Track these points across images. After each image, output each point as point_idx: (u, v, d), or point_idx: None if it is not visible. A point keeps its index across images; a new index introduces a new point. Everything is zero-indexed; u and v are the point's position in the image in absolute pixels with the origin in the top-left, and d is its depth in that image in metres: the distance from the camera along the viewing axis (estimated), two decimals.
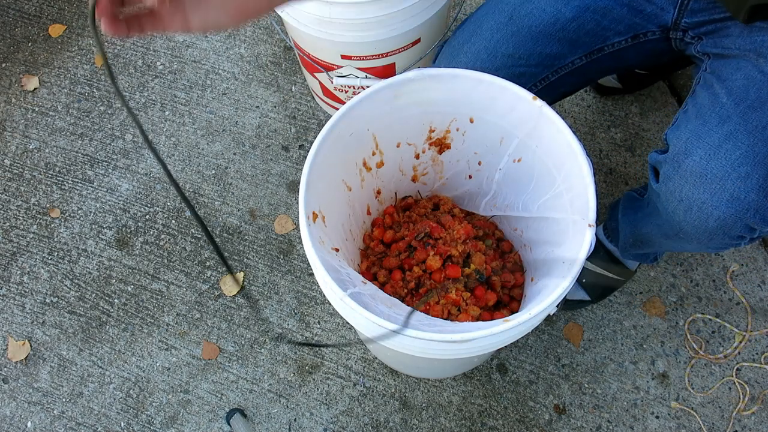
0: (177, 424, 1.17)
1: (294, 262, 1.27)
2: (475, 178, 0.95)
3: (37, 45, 1.53)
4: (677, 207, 0.77)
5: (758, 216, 0.72)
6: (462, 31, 0.90)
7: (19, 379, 1.22)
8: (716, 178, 0.72)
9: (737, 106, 0.74)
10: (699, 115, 0.76)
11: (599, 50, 0.90)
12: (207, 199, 1.34)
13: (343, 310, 0.70)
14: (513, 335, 0.69)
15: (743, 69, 0.76)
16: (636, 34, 0.88)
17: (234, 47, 1.49)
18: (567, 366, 1.17)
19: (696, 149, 0.74)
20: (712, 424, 1.12)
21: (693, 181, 0.74)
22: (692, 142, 0.74)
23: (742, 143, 0.71)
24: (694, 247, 0.83)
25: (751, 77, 0.75)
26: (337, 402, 1.16)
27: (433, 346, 0.67)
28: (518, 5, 0.87)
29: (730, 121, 0.73)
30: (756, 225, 0.73)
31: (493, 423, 1.14)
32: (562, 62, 0.89)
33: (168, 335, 1.23)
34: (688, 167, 0.74)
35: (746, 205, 0.71)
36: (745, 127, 0.72)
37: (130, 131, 1.42)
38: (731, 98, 0.75)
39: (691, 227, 0.77)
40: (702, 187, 0.73)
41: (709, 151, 0.73)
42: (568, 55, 0.89)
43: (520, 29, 0.86)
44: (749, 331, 1.17)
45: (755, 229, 0.74)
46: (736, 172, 0.71)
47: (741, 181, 0.71)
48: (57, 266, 1.31)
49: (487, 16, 0.89)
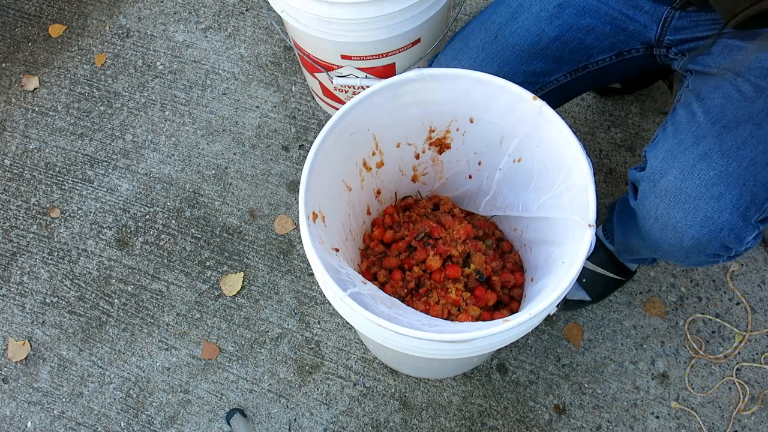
0: (177, 424, 1.17)
1: (294, 262, 1.27)
2: (475, 178, 0.95)
3: (37, 45, 1.53)
4: (653, 225, 0.77)
5: (732, 235, 0.73)
6: (450, 48, 0.92)
7: (19, 379, 1.22)
8: (690, 197, 0.73)
9: (713, 126, 0.74)
10: (676, 134, 0.77)
11: (584, 67, 0.91)
12: (207, 199, 1.34)
13: (343, 310, 0.70)
14: (513, 335, 0.69)
15: (722, 88, 0.77)
16: (620, 51, 0.89)
17: (234, 47, 1.49)
18: (567, 366, 1.17)
19: (671, 168, 0.75)
20: (712, 424, 1.12)
21: (668, 200, 0.74)
22: (668, 161, 0.75)
23: (717, 163, 0.72)
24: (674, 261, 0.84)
25: (729, 96, 0.76)
26: (337, 402, 1.16)
27: (433, 346, 0.67)
28: (503, 24, 0.89)
29: (705, 141, 0.74)
30: (731, 244, 0.74)
31: (493, 423, 1.14)
32: (547, 79, 0.91)
33: (168, 335, 1.23)
34: (663, 186, 0.75)
35: (720, 224, 0.72)
36: (720, 147, 0.73)
37: (130, 131, 1.42)
38: (708, 117, 0.75)
39: (667, 245, 0.78)
40: (676, 207, 0.74)
41: (684, 170, 0.73)
42: (554, 73, 0.90)
43: (505, 48, 0.88)
44: (749, 331, 1.17)
45: (731, 248, 0.74)
46: (710, 192, 0.72)
47: (715, 201, 0.72)
48: (57, 266, 1.31)
49: (473, 34, 0.90)
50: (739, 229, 0.72)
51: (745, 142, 0.73)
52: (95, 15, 1.56)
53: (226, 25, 1.52)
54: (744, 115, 0.74)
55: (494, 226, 1.00)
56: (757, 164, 0.72)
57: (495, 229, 1.00)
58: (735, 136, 0.73)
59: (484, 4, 1.50)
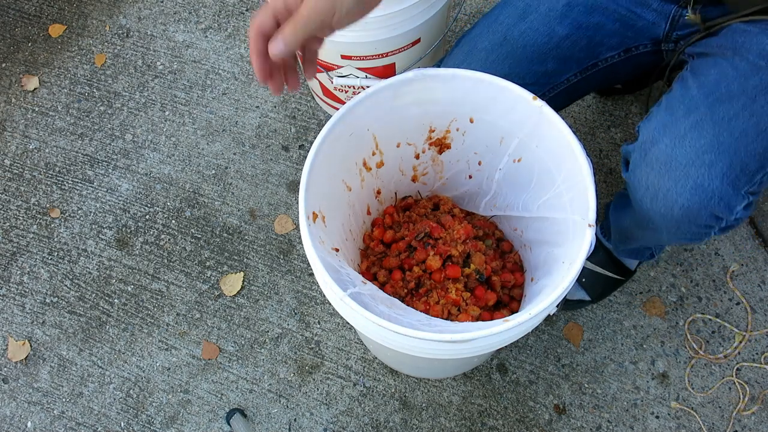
0: (177, 424, 1.17)
1: (294, 262, 1.27)
2: (475, 178, 0.95)
3: (37, 45, 1.53)
4: (644, 195, 0.77)
5: (722, 204, 0.72)
6: (458, 52, 0.91)
7: (19, 379, 1.22)
8: (680, 165, 0.73)
9: (706, 98, 0.75)
10: (668, 107, 0.77)
11: (593, 66, 0.91)
12: (207, 199, 1.34)
13: (343, 310, 0.70)
14: (512, 335, 0.69)
15: (719, 65, 0.77)
16: (628, 47, 0.89)
17: (234, 47, 1.49)
18: (567, 366, 1.17)
19: (662, 137, 0.75)
20: (712, 424, 1.12)
21: (658, 168, 0.74)
22: (659, 131, 0.75)
23: (708, 132, 0.72)
24: (666, 237, 0.84)
25: (724, 73, 0.76)
26: (337, 402, 1.16)
27: (433, 346, 0.67)
28: (511, 25, 0.88)
29: (698, 112, 0.74)
30: (721, 213, 0.73)
31: (493, 423, 1.14)
32: (557, 79, 0.90)
33: (168, 335, 1.23)
34: (654, 155, 0.75)
35: (710, 193, 0.72)
36: (712, 117, 0.73)
37: (130, 131, 1.42)
38: (701, 91, 0.76)
39: (657, 216, 0.78)
40: (667, 175, 0.74)
41: (675, 139, 0.74)
42: (564, 72, 0.90)
43: (514, 49, 0.87)
44: (749, 331, 1.17)
45: (721, 218, 0.74)
46: (700, 159, 0.72)
47: (705, 168, 0.71)
48: (57, 266, 1.31)
49: (481, 36, 0.90)
50: (729, 198, 0.72)
51: (738, 114, 0.73)
52: (95, 15, 1.56)
53: (226, 25, 1.52)
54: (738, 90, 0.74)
55: (494, 226, 1.00)
56: (749, 135, 0.72)
57: (495, 229, 0.99)
58: (728, 108, 0.73)
59: (484, 3, 1.50)
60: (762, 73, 0.74)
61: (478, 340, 0.65)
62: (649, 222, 0.82)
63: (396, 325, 0.64)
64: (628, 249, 1.10)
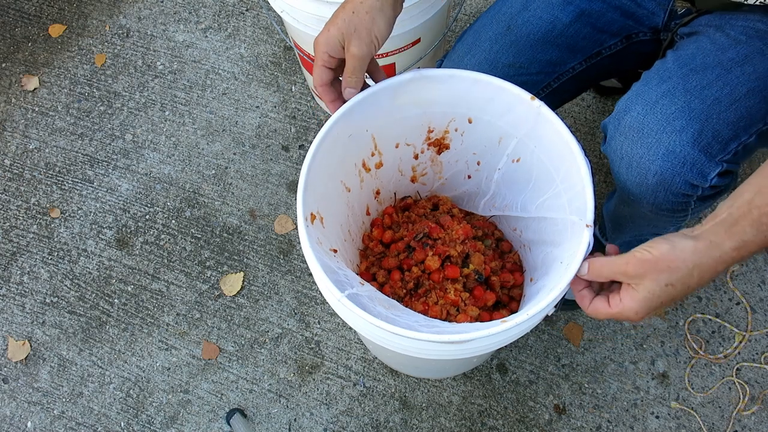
0: (177, 424, 1.17)
1: (294, 262, 1.27)
2: (474, 178, 0.95)
3: (37, 45, 1.53)
4: (620, 165, 0.78)
5: (695, 171, 0.73)
6: (462, 43, 0.92)
7: (19, 379, 1.23)
8: (652, 131, 0.73)
9: (680, 69, 0.76)
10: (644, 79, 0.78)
11: (597, 54, 0.91)
12: (207, 199, 1.34)
13: (341, 312, 0.70)
14: (511, 336, 0.69)
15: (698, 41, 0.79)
16: (629, 34, 0.90)
17: (234, 47, 1.49)
18: (567, 366, 1.17)
19: (635, 105, 0.75)
20: (712, 424, 1.12)
21: (631, 136, 0.75)
22: (632, 100, 0.76)
23: (679, 99, 0.73)
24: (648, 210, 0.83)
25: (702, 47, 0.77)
26: (337, 402, 1.16)
27: (431, 347, 0.67)
28: (515, 14, 0.88)
29: (670, 81, 0.75)
30: (696, 181, 0.74)
31: (493, 423, 1.14)
32: (562, 68, 0.90)
33: (168, 335, 1.23)
34: (627, 123, 0.76)
35: (682, 159, 0.72)
36: (684, 86, 0.74)
37: (130, 131, 1.42)
38: (677, 63, 0.77)
39: (634, 185, 0.78)
40: (639, 142, 0.74)
41: (646, 106, 0.74)
42: (568, 61, 0.90)
43: (518, 38, 0.87)
44: (749, 331, 1.17)
45: (696, 185, 0.74)
46: (671, 126, 0.72)
47: (676, 134, 0.72)
48: (57, 266, 1.31)
49: (485, 27, 0.90)
50: (701, 165, 0.72)
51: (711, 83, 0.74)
52: (95, 15, 1.56)
53: (226, 25, 1.52)
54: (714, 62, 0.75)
55: (493, 226, 0.99)
56: (722, 103, 0.73)
57: (494, 229, 0.99)
58: (701, 78, 0.74)
59: (484, 4, 1.50)
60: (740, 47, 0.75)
61: (476, 340, 0.65)
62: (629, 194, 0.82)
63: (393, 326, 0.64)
64: (624, 242, 1.09)
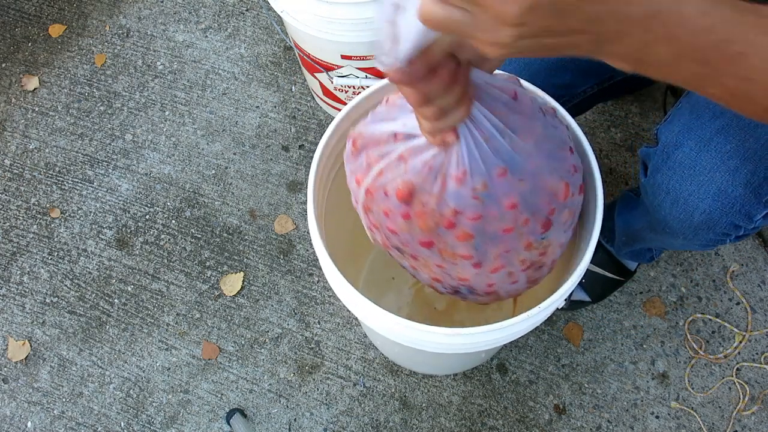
0: (177, 424, 1.17)
1: (294, 262, 1.28)
2: None
3: (37, 45, 1.53)
4: (664, 199, 0.76)
5: (743, 212, 0.72)
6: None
7: (19, 379, 1.22)
8: (705, 170, 0.72)
9: None
10: (692, 111, 0.76)
11: (610, 78, 0.90)
12: (207, 199, 1.34)
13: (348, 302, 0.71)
14: (510, 334, 0.69)
15: None
16: None
17: (234, 47, 1.49)
18: (567, 366, 1.17)
19: (687, 141, 0.74)
20: (712, 424, 1.12)
21: (681, 172, 0.73)
22: (683, 135, 0.74)
23: (734, 137, 0.71)
24: (681, 243, 0.83)
25: None
26: (337, 402, 1.16)
27: (432, 339, 0.68)
28: None
29: (723, 117, 0.73)
30: (741, 222, 0.73)
31: (493, 423, 1.14)
32: (574, 91, 0.90)
33: (168, 335, 1.23)
34: (678, 159, 0.74)
35: (732, 199, 0.71)
36: (738, 123, 0.72)
37: (130, 131, 1.42)
38: None
39: (676, 221, 0.77)
40: (690, 179, 0.73)
41: (700, 143, 0.73)
42: (581, 85, 0.89)
43: (532, 62, 0.86)
44: (749, 331, 1.17)
45: (740, 226, 0.74)
46: (725, 165, 0.71)
47: (729, 174, 0.71)
48: (57, 266, 1.31)
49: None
50: (750, 206, 0.71)
51: None
52: (95, 15, 1.56)
53: (226, 25, 1.52)
54: None
55: None
56: None
57: None
58: None
59: None
60: None
61: (477, 335, 0.66)
62: (665, 227, 0.81)
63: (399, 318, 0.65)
64: (630, 251, 1.10)
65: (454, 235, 0.57)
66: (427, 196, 0.55)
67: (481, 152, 0.53)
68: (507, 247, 0.59)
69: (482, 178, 0.53)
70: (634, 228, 0.99)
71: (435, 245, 0.59)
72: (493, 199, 0.55)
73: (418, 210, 0.56)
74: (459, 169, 0.53)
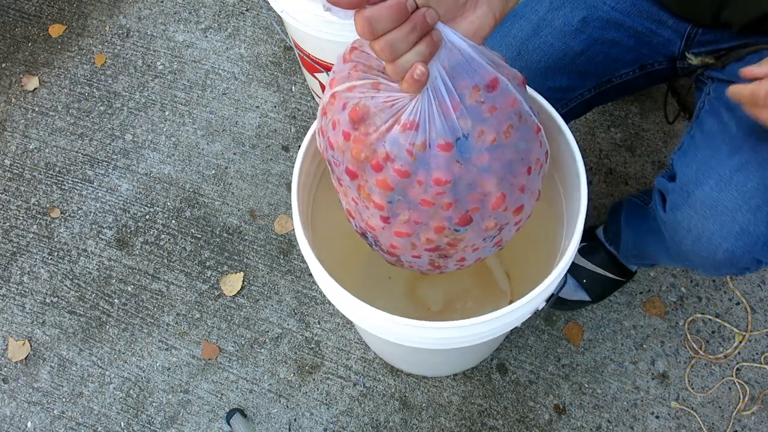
0: (177, 424, 1.17)
1: (294, 262, 1.27)
2: None
3: (37, 45, 1.53)
4: (685, 237, 0.75)
5: (766, 248, 0.71)
6: None
7: (19, 379, 1.22)
8: (727, 210, 0.71)
9: (748, 137, 0.72)
10: (709, 144, 0.75)
11: (608, 81, 0.89)
12: (207, 199, 1.34)
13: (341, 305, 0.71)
14: (498, 326, 0.69)
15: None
16: (643, 64, 0.87)
17: (234, 47, 1.49)
18: (567, 366, 1.17)
19: (707, 179, 0.72)
20: (712, 424, 1.12)
21: (703, 212, 0.72)
22: (703, 172, 0.73)
23: (754, 175, 0.70)
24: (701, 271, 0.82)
25: None
26: (337, 402, 1.16)
27: (419, 334, 0.68)
28: (525, 39, 0.86)
29: (742, 152, 0.72)
30: (763, 257, 0.72)
31: (493, 423, 1.14)
32: (571, 95, 0.89)
33: (168, 335, 1.23)
34: (698, 197, 0.73)
35: (755, 237, 0.70)
36: (756, 158, 0.71)
37: (130, 131, 1.42)
38: (741, 128, 0.73)
39: (697, 258, 0.76)
40: (712, 219, 0.72)
41: (720, 182, 0.71)
42: (578, 88, 0.88)
43: (529, 64, 0.85)
44: (749, 331, 1.17)
45: (761, 261, 0.73)
46: (747, 204, 0.70)
47: (752, 213, 0.70)
48: (57, 266, 1.31)
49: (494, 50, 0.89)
50: None
51: None
52: (95, 15, 1.56)
53: (226, 25, 1.52)
54: None
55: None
56: None
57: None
58: None
59: None
60: None
61: (463, 328, 0.66)
62: (685, 260, 0.80)
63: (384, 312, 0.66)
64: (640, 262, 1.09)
65: (376, 179, 0.57)
66: (373, 129, 0.55)
67: (438, 117, 0.53)
68: (418, 218, 0.60)
69: (424, 138, 0.53)
70: (648, 250, 0.98)
71: (358, 179, 0.59)
72: (425, 165, 0.55)
73: (358, 136, 0.56)
74: (409, 118, 0.53)
